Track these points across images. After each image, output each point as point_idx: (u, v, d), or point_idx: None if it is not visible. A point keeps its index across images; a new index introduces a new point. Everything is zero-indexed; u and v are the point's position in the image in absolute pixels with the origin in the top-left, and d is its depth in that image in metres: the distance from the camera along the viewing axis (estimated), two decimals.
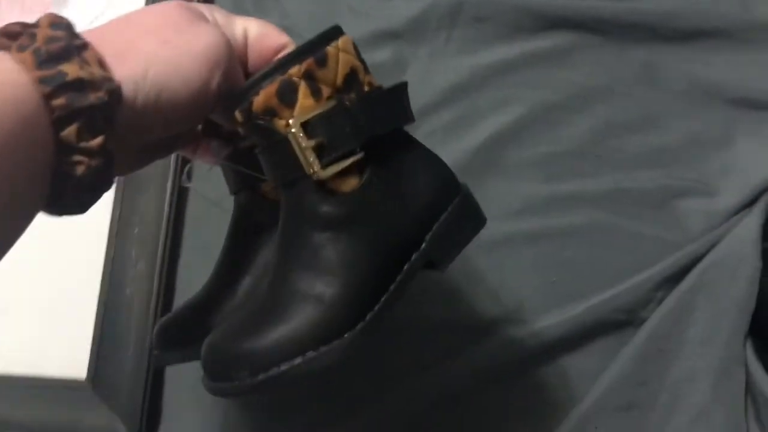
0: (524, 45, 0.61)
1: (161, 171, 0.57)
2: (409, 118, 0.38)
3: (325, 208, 0.35)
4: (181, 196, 0.59)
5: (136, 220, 0.55)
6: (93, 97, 0.29)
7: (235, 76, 0.35)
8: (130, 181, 0.56)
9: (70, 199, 0.31)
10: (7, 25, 0.31)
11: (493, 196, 0.57)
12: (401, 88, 0.37)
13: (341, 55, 0.35)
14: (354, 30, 0.60)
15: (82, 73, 0.29)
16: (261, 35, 0.37)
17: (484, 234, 0.55)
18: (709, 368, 0.52)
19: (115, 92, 0.30)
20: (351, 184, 0.35)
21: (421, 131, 0.58)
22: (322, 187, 0.35)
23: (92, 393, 0.51)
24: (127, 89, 0.31)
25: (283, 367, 0.33)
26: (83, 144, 0.30)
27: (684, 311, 0.53)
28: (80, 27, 0.32)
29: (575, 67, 0.60)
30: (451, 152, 0.58)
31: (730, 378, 0.52)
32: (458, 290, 0.55)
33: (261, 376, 0.33)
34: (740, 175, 0.56)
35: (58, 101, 0.29)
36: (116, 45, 0.32)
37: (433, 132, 0.60)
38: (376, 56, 0.62)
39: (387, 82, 0.54)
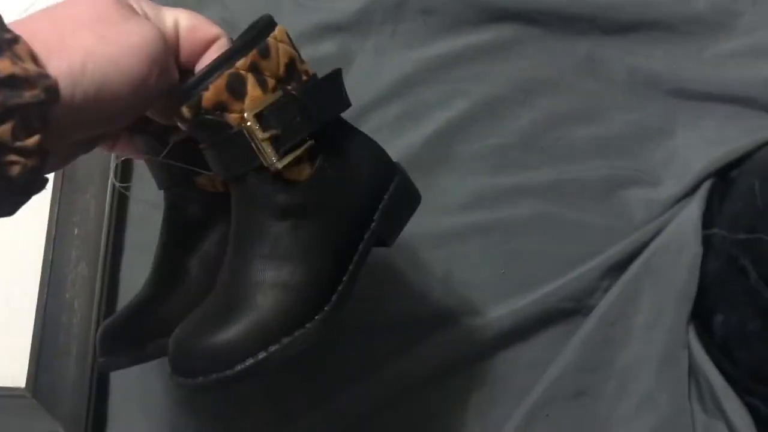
0: (469, 38, 0.62)
1: (101, 170, 0.55)
2: (347, 104, 0.38)
3: (282, 198, 0.35)
4: (122, 196, 0.57)
5: (75, 220, 0.53)
6: (28, 95, 0.28)
7: (170, 70, 0.34)
8: (69, 181, 0.54)
9: (3, 201, 0.30)
10: None
11: (442, 190, 0.57)
12: (338, 75, 0.38)
13: (280, 46, 0.35)
14: (298, 23, 0.60)
15: (15, 69, 0.28)
16: (192, 27, 0.35)
17: (434, 227, 0.56)
18: (655, 353, 0.53)
19: (51, 89, 0.29)
20: (304, 172, 0.35)
21: (368, 126, 0.58)
22: (278, 177, 0.35)
23: (33, 401, 0.50)
24: (65, 86, 0.29)
25: (261, 356, 0.33)
26: (18, 144, 0.28)
27: (630, 298, 0.54)
28: (9, 18, 0.31)
29: (519, 59, 0.61)
30: (398, 147, 0.58)
31: (674, 362, 0.53)
32: (409, 284, 0.55)
33: (239, 367, 0.33)
34: (681, 164, 0.57)
35: None
36: (49, 39, 0.30)
37: (379, 127, 0.59)
38: (321, 49, 0.61)
39: None
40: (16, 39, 0.29)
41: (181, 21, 0.35)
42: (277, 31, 0.35)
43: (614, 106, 0.60)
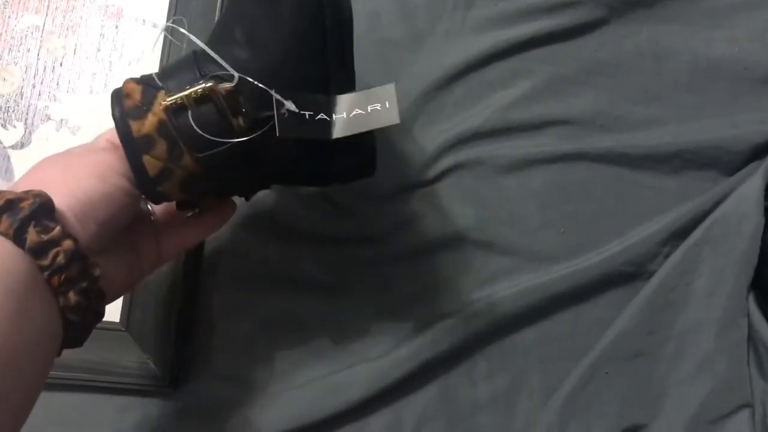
0: (539, 23, 0.63)
1: None
2: None
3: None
4: None
5: None
6: (26, 204, 0.34)
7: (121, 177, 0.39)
8: None
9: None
10: None
11: (499, 156, 0.60)
12: None
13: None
14: (373, 6, 0.64)
15: (8, 196, 0.34)
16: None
17: (492, 188, 0.59)
18: (714, 319, 0.55)
19: (42, 194, 0.35)
20: None
21: (432, 104, 0.61)
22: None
23: (126, 335, 0.54)
24: (59, 207, 0.35)
25: None
26: (44, 239, 0.34)
27: (690, 264, 0.55)
28: None
29: (583, 41, 0.63)
30: (460, 122, 0.61)
31: (734, 328, 0.54)
32: (469, 240, 0.58)
33: None
34: (742, 141, 0.59)
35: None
36: (27, 185, 0.36)
37: (443, 105, 0.62)
38: (393, 32, 0.64)
39: (404, 58, 0.57)
40: None
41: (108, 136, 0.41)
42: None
43: (675, 88, 0.62)
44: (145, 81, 0.40)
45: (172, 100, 0.38)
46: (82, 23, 0.61)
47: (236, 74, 0.38)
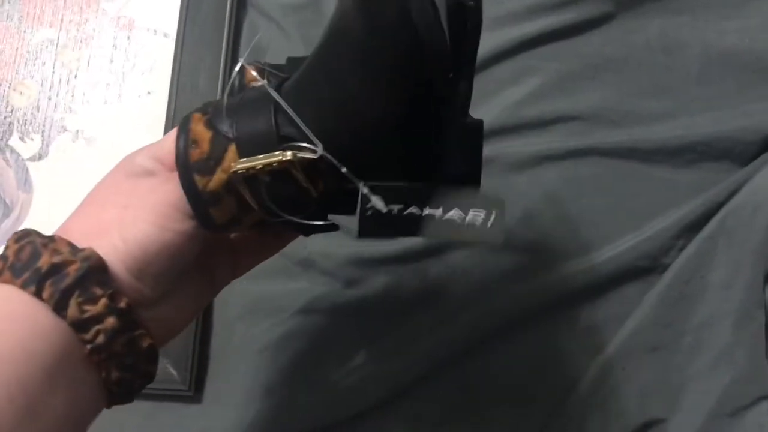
0: (547, 20, 0.63)
1: None
2: None
3: None
4: None
5: None
6: (72, 270, 0.31)
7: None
8: None
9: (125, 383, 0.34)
10: None
11: (509, 153, 0.60)
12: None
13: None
14: None
15: (54, 259, 0.31)
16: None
17: (504, 183, 0.59)
18: (731, 311, 0.54)
19: (91, 257, 0.32)
20: None
21: None
22: None
23: None
24: (110, 256, 0.33)
25: None
26: (88, 314, 0.31)
27: (705, 257, 0.55)
28: None
29: (591, 37, 0.63)
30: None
31: (751, 320, 0.54)
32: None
33: None
34: (754, 131, 0.58)
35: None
36: (83, 228, 0.34)
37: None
38: None
39: None
40: (51, 238, 0.33)
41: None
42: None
43: (686, 81, 0.62)
44: (214, 122, 0.35)
45: (244, 167, 0.33)
46: (95, 35, 0.62)
47: (321, 150, 0.33)
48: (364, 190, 0.33)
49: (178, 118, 0.58)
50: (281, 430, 0.54)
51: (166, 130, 0.59)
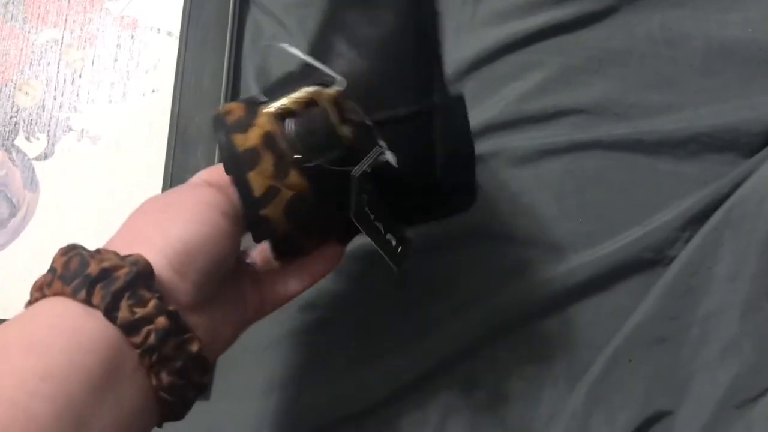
0: (549, 14, 0.63)
1: (209, 132, 0.60)
2: None
3: None
4: None
5: (188, 177, 0.59)
6: (121, 273, 0.32)
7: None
8: (180, 141, 0.59)
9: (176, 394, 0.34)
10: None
11: (514, 147, 0.60)
12: None
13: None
14: None
15: (103, 264, 0.32)
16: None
17: (507, 178, 0.59)
18: (738, 302, 0.54)
19: (139, 262, 0.33)
20: None
21: None
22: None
23: None
24: (155, 260, 0.33)
25: None
26: (139, 315, 0.32)
27: (711, 248, 0.55)
28: None
29: (593, 30, 0.63)
30: (473, 116, 0.60)
31: (758, 311, 0.54)
32: (489, 234, 0.58)
33: None
34: (759, 122, 0.58)
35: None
36: (126, 236, 0.36)
37: None
38: None
39: None
40: (98, 250, 0.34)
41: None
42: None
43: (689, 73, 0.62)
44: (247, 100, 0.39)
45: (276, 106, 0.37)
46: (99, 35, 0.62)
47: (340, 78, 0.37)
48: (381, 143, 0.38)
49: (182, 116, 0.59)
50: (287, 427, 0.54)
51: (171, 128, 0.59)
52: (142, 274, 0.32)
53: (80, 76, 0.61)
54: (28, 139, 0.60)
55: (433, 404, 0.55)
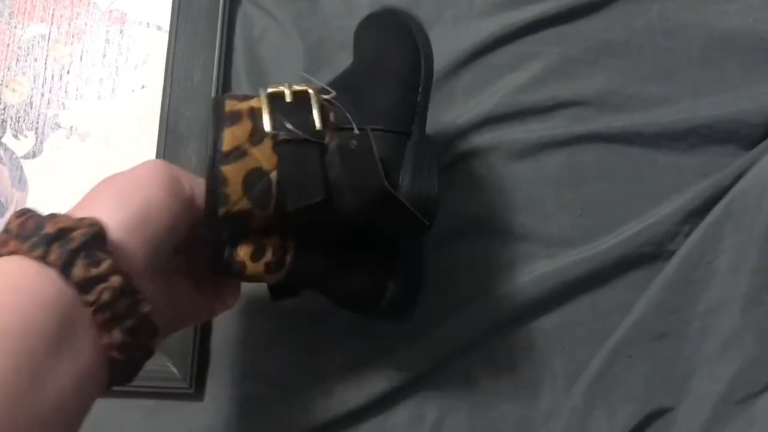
0: (546, 4, 0.63)
1: (200, 126, 0.59)
2: None
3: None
4: None
5: None
6: (77, 234, 0.33)
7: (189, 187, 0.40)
8: (171, 136, 0.58)
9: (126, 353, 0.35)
10: None
11: (513, 140, 0.59)
12: None
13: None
14: None
15: (59, 225, 0.33)
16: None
17: (505, 172, 0.58)
18: (739, 295, 0.54)
19: (93, 224, 0.34)
20: None
21: (442, 92, 0.60)
22: None
23: None
24: (113, 227, 0.35)
25: None
26: (93, 273, 0.33)
27: (712, 242, 0.54)
28: None
29: (591, 21, 0.62)
30: (471, 108, 0.60)
31: (759, 304, 0.53)
32: (487, 228, 0.57)
33: None
34: (759, 113, 0.57)
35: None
36: (83, 206, 0.37)
37: (453, 92, 0.61)
38: None
39: None
40: (53, 214, 0.35)
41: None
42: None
43: (689, 64, 0.61)
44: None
45: (275, 89, 0.42)
46: (87, 30, 0.61)
47: (334, 93, 0.43)
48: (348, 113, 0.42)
49: (173, 111, 0.58)
50: (283, 427, 0.54)
51: (161, 124, 0.58)
52: (98, 236, 0.34)
53: (68, 72, 0.60)
54: (15, 137, 0.59)
55: (430, 402, 0.54)
